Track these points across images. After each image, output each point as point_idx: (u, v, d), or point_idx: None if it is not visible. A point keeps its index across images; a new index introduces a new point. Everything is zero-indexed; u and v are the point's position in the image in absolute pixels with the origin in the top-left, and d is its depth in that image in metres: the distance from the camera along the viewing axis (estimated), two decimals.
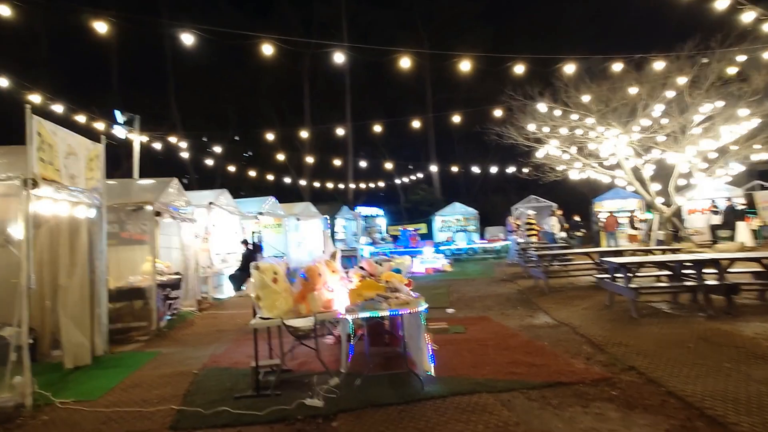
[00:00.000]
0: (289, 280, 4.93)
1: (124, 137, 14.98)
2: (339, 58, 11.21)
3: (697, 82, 12.68)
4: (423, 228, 26.22)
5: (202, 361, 6.11)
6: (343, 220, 21.19)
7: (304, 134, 31.08)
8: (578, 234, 18.58)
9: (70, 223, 5.91)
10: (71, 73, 27.97)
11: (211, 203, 11.47)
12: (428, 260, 15.99)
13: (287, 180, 30.36)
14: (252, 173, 27.28)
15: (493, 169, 25.39)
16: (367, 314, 4.47)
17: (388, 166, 30.58)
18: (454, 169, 27.43)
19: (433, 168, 32.16)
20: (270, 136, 20.35)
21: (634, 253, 10.94)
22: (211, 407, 4.37)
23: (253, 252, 12.29)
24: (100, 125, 15.44)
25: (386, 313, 4.51)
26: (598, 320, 7.16)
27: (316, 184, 30.18)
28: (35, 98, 10.76)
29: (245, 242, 12.29)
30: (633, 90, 13.24)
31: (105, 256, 6.75)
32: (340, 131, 32.06)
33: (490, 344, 6.19)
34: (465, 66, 10.29)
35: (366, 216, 25.14)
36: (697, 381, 4.39)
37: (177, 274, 9.72)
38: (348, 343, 4.57)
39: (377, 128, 18.17)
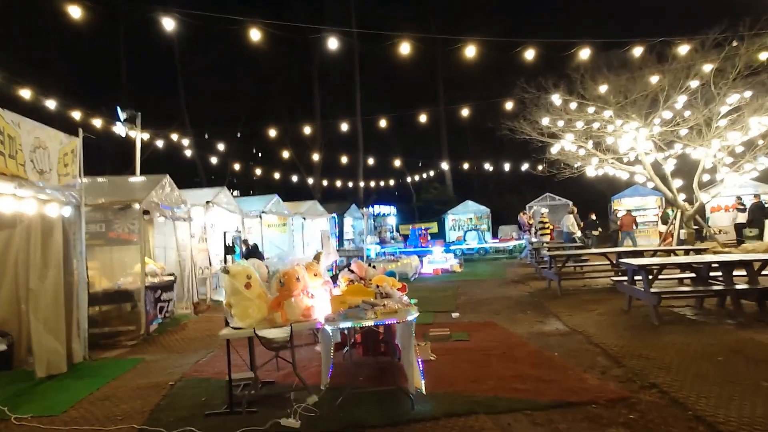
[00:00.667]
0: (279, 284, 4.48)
1: (124, 135, 14.74)
2: (346, 47, 10.69)
3: (723, 71, 11.87)
4: (434, 227, 25.63)
5: (184, 369, 5.69)
6: (351, 219, 20.73)
7: (315, 133, 30.85)
8: (594, 233, 17.79)
9: (42, 222, 5.53)
10: (74, 69, 27.95)
11: (208, 202, 11.10)
12: (437, 260, 15.44)
13: (299, 179, 30.11)
14: (262, 172, 27.05)
15: (507, 167, 24.72)
16: (348, 324, 3.97)
17: (400, 164, 30.14)
18: (467, 166, 26.79)
19: (446, 166, 31.56)
20: (280, 135, 20.06)
21: (654, 253, 10.25)
22: (176, 426, 3.92)
23: (252, 252, 11.90)
24: (106, 123, 15.30)
25: (369, 323, 4.01)
26: (615, 327, 6.55)
27: (327, 183, 29.85)
28: (25, 93, 10.49)
29: (245, 242, 11.90)
30: (654, 79, 12.49)
31: (84, 257, 6.38)
32: (351, 129, 31.83)
33: (494, 354, 5.65)
34: (477, 53, 9.73)
35: (376, 215, 24.64)
36: (731, 404, 3.79)
37: (171, 275, 9.37)
38: (329, 356, 4.08)
39: (389, 126, 17.69)
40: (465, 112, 18.03)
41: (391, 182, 29.40)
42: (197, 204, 11.04)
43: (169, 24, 8.63)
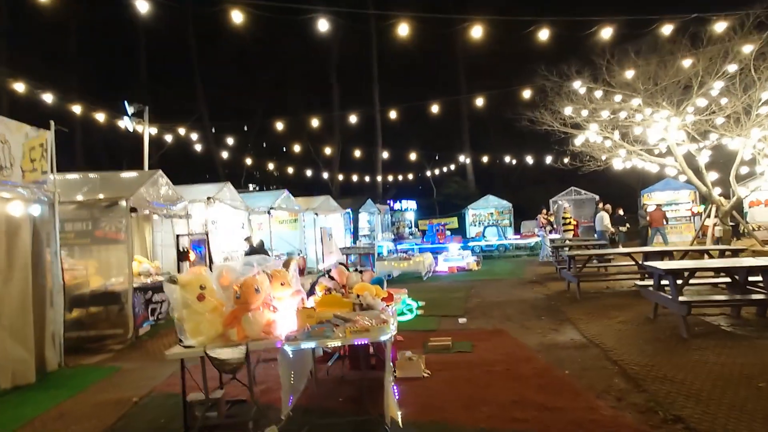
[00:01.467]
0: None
1: (132, 129, 14.53)
2: (364, 36, 10.09)
3: (765, 53, 10.80)
4: (454, 222, 24.89)
5: (156, 382, 5.25)
6: (366, 215, 20.20)
7: (332, 126, 30.39)
8: (622, 229, 16.77)
9: (6, 221, 5.16)
10: (88, 63, 28.04)
11: (209, 198, 10.72)
12: (453, 258, 14.76)
13: (316, 174, 29.74)
14: (278, 167, 26.82)
15: (530, 160, 23.75)
16: (311, 344, 3.42)
17: (420, 157, 29.39)
18: (489, 160, 25.91)
19: (467, 159, 30.70)
20: (297, 129, 19.60)
21: (685, 254, 9.36)
22: None
23: (256, 250, 11.48)
24: (119, 117, 15.14)
25: (336, 344, 3.45)
26: (638, 340, 5.82)
27: (345, 178, 29.41)
28: (19, 87, 10.27)
29: (248, 239, 11.49)
30: (687, 64, 11.47)
31: (59, 258, 6.01)
32: (369, 122, 31.26)
33: (497, 371, 5.01)
34: (497, 37, 9.01)
35: (394, 210, 24.04)
36: None
37: (167, 274, 9.02)
38: (288, 381, 3.53)
39: (408, 118, 17.04)
40: (485, 103, 17.20)
41: (411, 176, 28.77)
42: (198, 200, 10.68)
43: (182, 14, 8.20)
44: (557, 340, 6.20)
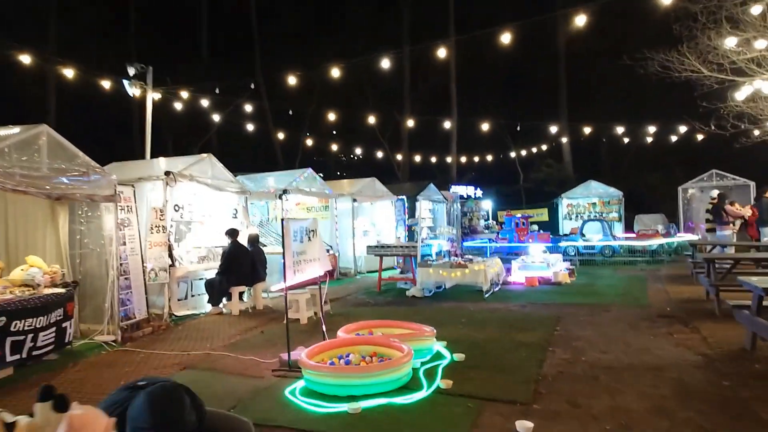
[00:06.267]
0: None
1: (132, 94, 11.94)
2: None
3: None
4: (543, 214, 20.01)
5: None
6: (428, 203, 16.19)
7: (402, 95, 26.56)
8: None
9: None
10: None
11: (169, 174, 7.49)
12: (533, 265, 10.36)
13: (385, 156, 26.24)
14: (342, 149, 23.74)
15: (652, 132, 18.15)
16: None
17: (502, 134, 24.54)
18: (593, 133, 20.45)
19: (563, 138, 25.23)
20: (364, 104, 16.19)
21: None
22: None
23: (241, 249, 8.15)
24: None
25: None
26: None
27: (415, 160, 25.59)
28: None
29: (232, 233, 8.17)
30: None
31: None
32: (443, 93, 26.89)
33: None
34: None
35: (465, 197, 19.72)
36: None
37: (72, 284, 5.96)
38: None
39: (489, 86, 12.79)
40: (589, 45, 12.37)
41: (490, 158, 24.16)
42: (150, 177, 7.54)
43: None
44: None
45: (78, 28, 21.96)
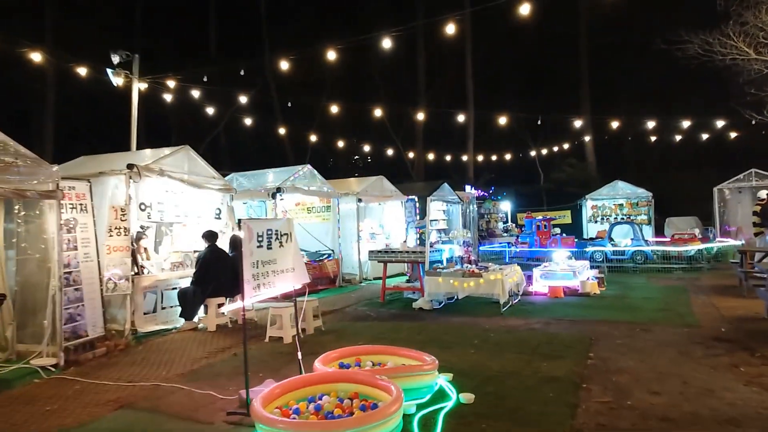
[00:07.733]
0: None
1: (116, 84, 11.08)
2: None
3: None
4: (566, 217, 18.63)
5: None
6: (442, 204, 15.00)
7: (417, 93, 25.47)
8: None
9: None
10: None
11: (132, 167, 6.49)
12: (558, 273, 9.11)
13: (397, 154, 25.17)
14: (349, 147, 22.73)
15: (684, 128, 16.68)
16: None
17: (522, 132, 23.25)
18: (619, 129, 18.98)
19: (586, 137, 23.80)
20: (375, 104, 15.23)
21: None
22: None
23: (219, 254, 7.13)
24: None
25: None
26: None
27: (429, 158, 24.45)
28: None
29: (209, 236, 7.14)
30: None
31: None
32: (459, 88, 25.69)
33: None
34: None
35: (481, 198, 18.46)
36: None
37: None
38: None
39: (508, 79, 11.61)
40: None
41: (508, 157, 22.85)
42: (113, 172, 6.56)
43: None
44: None
45: (79, 21, 21.29)
